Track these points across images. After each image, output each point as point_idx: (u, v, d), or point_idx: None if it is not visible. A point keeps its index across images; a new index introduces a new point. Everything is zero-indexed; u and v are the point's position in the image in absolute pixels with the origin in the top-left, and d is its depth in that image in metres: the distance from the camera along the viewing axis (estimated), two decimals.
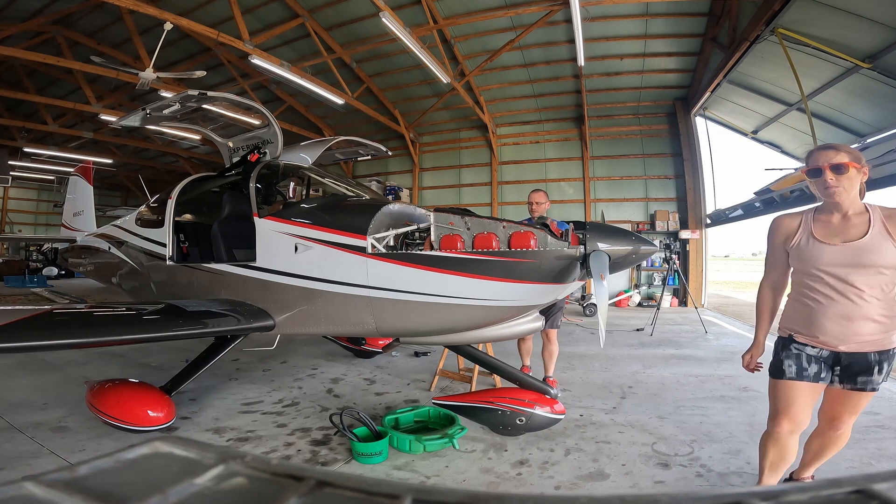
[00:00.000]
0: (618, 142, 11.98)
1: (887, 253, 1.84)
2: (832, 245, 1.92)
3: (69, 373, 4.55)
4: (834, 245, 1.91)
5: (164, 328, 3.05)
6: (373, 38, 9.32)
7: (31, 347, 2.77)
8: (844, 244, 1.90)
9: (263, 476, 0.26)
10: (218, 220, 4.10)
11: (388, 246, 2.94)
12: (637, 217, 11.77)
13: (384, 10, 6.85)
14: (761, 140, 9.96)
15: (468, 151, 13.49)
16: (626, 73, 10.35)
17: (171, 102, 3.73)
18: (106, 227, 5.80)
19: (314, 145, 4.70)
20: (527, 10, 8.08)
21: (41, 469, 1.06)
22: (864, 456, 2.81)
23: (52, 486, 0.24)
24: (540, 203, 4.16)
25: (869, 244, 1.86)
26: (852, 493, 0.23)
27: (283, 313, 3.36)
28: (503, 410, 3.12)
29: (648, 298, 11.36)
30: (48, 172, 16.73)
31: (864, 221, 1.90)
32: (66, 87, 11.87)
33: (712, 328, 7.63)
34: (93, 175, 8.21)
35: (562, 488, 2.51)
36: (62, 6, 8.88)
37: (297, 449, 2.97)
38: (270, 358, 5.25)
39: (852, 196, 1.91)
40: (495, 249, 2.68)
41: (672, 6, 8.10)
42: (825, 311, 1.95)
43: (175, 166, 18.19)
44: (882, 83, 6.07)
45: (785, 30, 6.02)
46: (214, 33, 7.18)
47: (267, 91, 12.34)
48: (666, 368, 5.04)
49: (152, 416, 3.00)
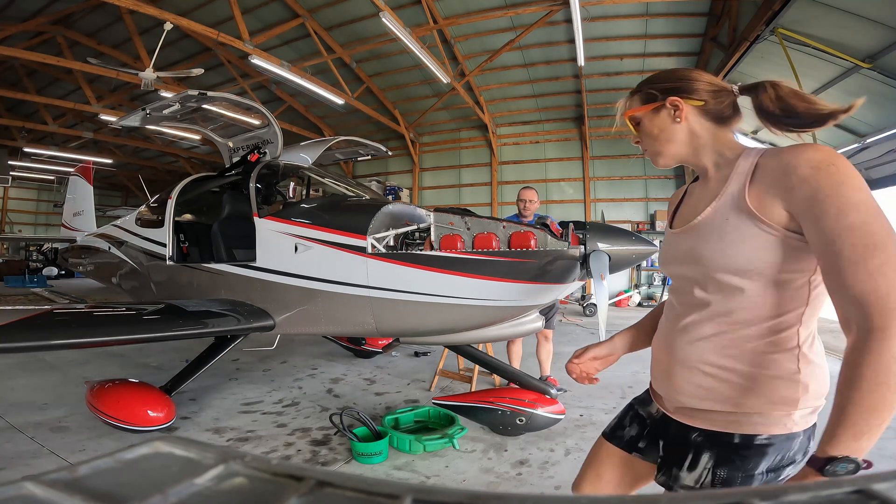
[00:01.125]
0: (618, 142, 11.96)
1: (735, 243, 0.97)
2: (673, 232, 1.15)
3: (69, 373, 4.55)
4: (675, 231, 1.14)
5: (164, 328, 3.05)
6: (373, 38, 9.32)
7: (31, 347, 2.77)
8: (681, 229, 1.11)
9: (263, 476, 0.26)
10: (218, 220, 4.11)
11: (388, 246, 2.95)
12: (637, 217, 11.78)
13: (384, 10, 6.85)
14: (761, 140, 9.95)
15: (468, 151, 13.49)
16: (626, 73, 10.35)
17: (171, 102, 3.73)
18: (106, 227, 5.80)
19: (314, 145, 4.71)
20: (527, 10, 8.08)
21: (41, 469, 1.06)
22: (864, 456, 2.81)
23: (52, 486, 0.24)
24: (532, 201, 4.06)
25: (701, 226, 1.04)
26: (852, 493, 0.23)
27: (283, 313, 3.36)
28: (503, 410, 3.12)
29: (648, 298, 11.36)
30: (48, 172, 16.74)
31: (720, 183, 1.05)
32: (66, 87, 11.87)
33: None
34: (93, 175, 8.22)
35: (562, 488, 2.51)
36: (62, 6, 8.89)
37: (297, 449, 2.97)
38: (270, 358, 5.25)
39: (684, 151, 1.11)
40: (495, 249, 2.69)
41: (672, 6, 8.11)
42: (654, 343, 1.26)
43: (175, 166, 18.19)
44: (882, 83, 6.07)
45: (785, 30, 6.02)
46: (214, 33, 7.19)
47: (267, 91, 12.35)
48: None
49: (152, 416, 3.00)
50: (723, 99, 1.07)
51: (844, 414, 0.84)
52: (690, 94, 1.08)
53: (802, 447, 1.02)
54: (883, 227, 0.82)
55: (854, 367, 0.83)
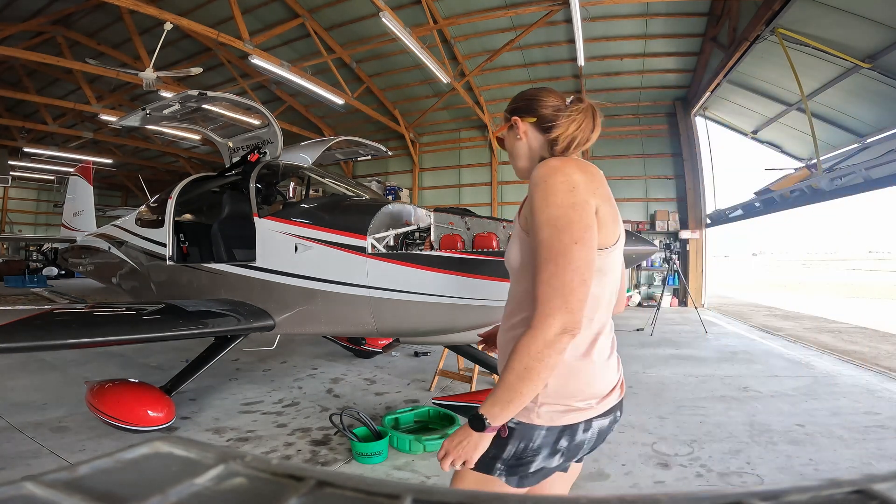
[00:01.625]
0: (618, 142, 11.97)
1: (511, 244, 1.20)
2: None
3: (69, 373, 4.55)
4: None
5: (164, 328, 3.05)
6: (373, 38, 9.33)
7: (31, 347, 2.77)
8: None
9: (263, 476, 0.26)
10: (218, 220, 4.11)
11: (388, 246, 2.95)
12: (637, 217, 11.77)
13: (384, 10, 6.85)
14: (761, 140, 9.96)
15: (468, 151, 13.49)
16: (626, 73, 10.36)
17: (171, 102, 3.73)
18: (106, 227, 5.81)
19: (314, 145, 4.71)
20: (527, 10, 8.08)
21: (41, 469, 1.06)
22: (864, 456, 2.81)
23: (52, 486, 0.24)
24: None
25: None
26: (852, 493, 0.23)
27: (283, 313, 3.36)
28: None
29: (648, 298, 11.36)
30: (48, 172, 16.73)
31: None
32: (66, 87, 11.87)
33: (712, 328, 7.63)
34: (93, 175, 8.23)
35: None
36: (62, 6, 8.89)
37: (297, 449, 2.97)
38: (270, 358, 5.25)
39: (526, 165, 1.25)
40: (495, 249, 2.69)
41: (672, 6, 8.10)
42: None
43: (175, 166, 18.19)
44: (882, 83, 6.07)
45: (785, 30, 6.02)
46: (214, 33, 7.19)
47: (267, 91, 12.35)
48: (666, 368, 5.04)
49: (152, 416, 3.00)
50: (557, 115, 1.18)
51: (495, 386, 1.02)
52: (527, 114, 1.21)
53: (548, 443, 1.10)
54: (562, 242, 0.98)
55: (510, 353, 1.00)
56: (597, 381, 1.13)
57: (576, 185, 1.02)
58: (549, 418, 1.09)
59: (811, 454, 2.84)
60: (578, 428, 1.11)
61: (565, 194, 1.01)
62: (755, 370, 4.95)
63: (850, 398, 3.94)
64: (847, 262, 63.90)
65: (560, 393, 1.09)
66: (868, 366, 5.09)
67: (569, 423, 1.10)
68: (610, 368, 1.17)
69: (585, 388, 1.11)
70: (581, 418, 1.11)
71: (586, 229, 1.00)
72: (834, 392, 4.13)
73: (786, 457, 2.80)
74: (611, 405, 1.16)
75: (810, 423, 3.34)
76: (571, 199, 1.01)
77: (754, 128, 9.85)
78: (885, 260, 69.88)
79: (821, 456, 2.81)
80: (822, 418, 3.44)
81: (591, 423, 1.12)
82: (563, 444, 1.11)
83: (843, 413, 3.56)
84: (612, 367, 1.18)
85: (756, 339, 6.89)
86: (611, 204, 1.12)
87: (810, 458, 2.78)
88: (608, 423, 1.16)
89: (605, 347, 1.14)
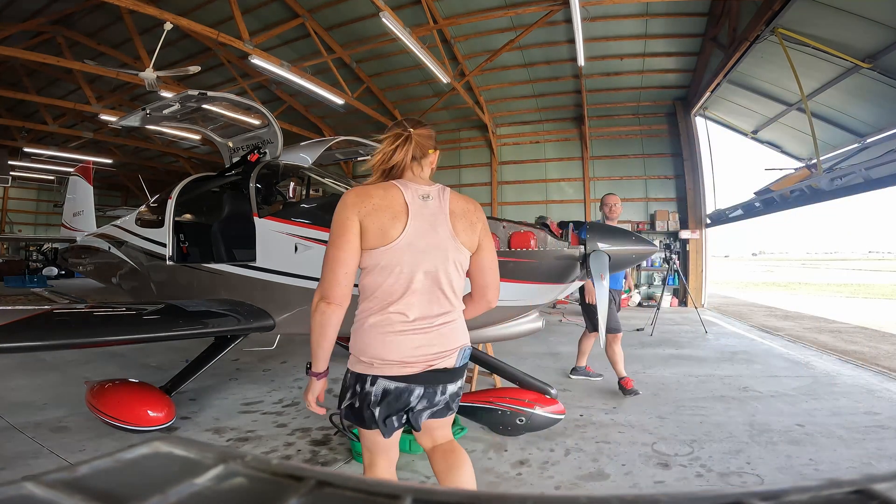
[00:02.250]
0: (618, 142, 11.98)
1: None
2: None
3: (69, 373, 4.55)
4: None
5: (164, 328, 3.05)
6: (373, 38, 9.32)
7: (31, 347, 2.77)
8: None
9: (263, 476, 0.26)
10: (218, 220, 4.10)
11: None
12: (637, 217, 11.77)
13: (384, 10, 6.85)
14: (761, 140, 9.96)
15: (468, 151, 13.49)
16: (626, 73, 10.35)
17: (171, 102, 3.73)
18: (106, 227, 5.80)
19: (314, 145, 4.70)
20: (527, 10, 8.08)
21: (41, 469, 1.06)
22: (864, 456, 2.81)
23: (52, 486, 0.24)
24: (616, 205, 4.36)
25: None
26: (852, 493, 0.23)
27: (283, 313, 3.36)
28: (503, 410, 3.11)
29: (648, 298, 11.36)
30: (48, 172, 16.72)
31: None
32: (66, 87, 11.86)
33: (712, 328, 7.63)
34: (93, 175, 8.22)
35: (562, 488, 2.51)
36: (62, 6, 8.88)
37: (297, 449, 2.97)
38: (270, 358, 5.25)
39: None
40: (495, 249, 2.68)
41: (672, 6, 8.10)
42: None
43: (175, 166, 18.19)
44: (882, 83, 6.07)
45: (785, 30, 6.02)
46: (214, 33, 7.19)
47: (267, 91, 12.34)
48: (666, 368, 5.04)
49: (152, 416, 3.00)
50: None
51: None
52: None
53: (351, 385, 1.56)
54: (328, 252, 1.53)
55: None
56: (376, 346, 1.50)
57: (345, 205, 1.52)
58: (350, 363, 1.57)
59: (811, 454, 2.84)
60: (366, 379, 1.51)
61: (338, 214, 1.52)
62: (755, 370, 4.95)
63: (850, 398, 3.94)
64: (847, 262, 63.84)
65: (354, 347, 1.56)
66: (868, 366, 5.09)
67: (358, 372, 1.53)
68: (404, 343, 1.49)
69: (366, 348, 1.51)
70: (365, 371, 1.51)
71: (340, 235, 1.49)
72: (834, 392, 4.13)
73: (786, 457, 2.80)
74: (400, 373, 1.49)
75: (810, 423, 3.34)
76: (338, 219, 1.51)
77: (754, 128, 9.85)
78: (886, 260, 69.78)
79: (821, 456, 2.81)
80: (822, 418, 3.44)
81: (377, 379, 1.50)
82: (358, 389, 1.52)
83: (843, 413, 3.56)
84: (409, 343, 1.49)
85: (756, 339, 6.89)
86: (379, 216, 1.50)
87: (810, 458, 2.78)
88: (398, 389, 1.50)
89: (395, 322, 1.50)
